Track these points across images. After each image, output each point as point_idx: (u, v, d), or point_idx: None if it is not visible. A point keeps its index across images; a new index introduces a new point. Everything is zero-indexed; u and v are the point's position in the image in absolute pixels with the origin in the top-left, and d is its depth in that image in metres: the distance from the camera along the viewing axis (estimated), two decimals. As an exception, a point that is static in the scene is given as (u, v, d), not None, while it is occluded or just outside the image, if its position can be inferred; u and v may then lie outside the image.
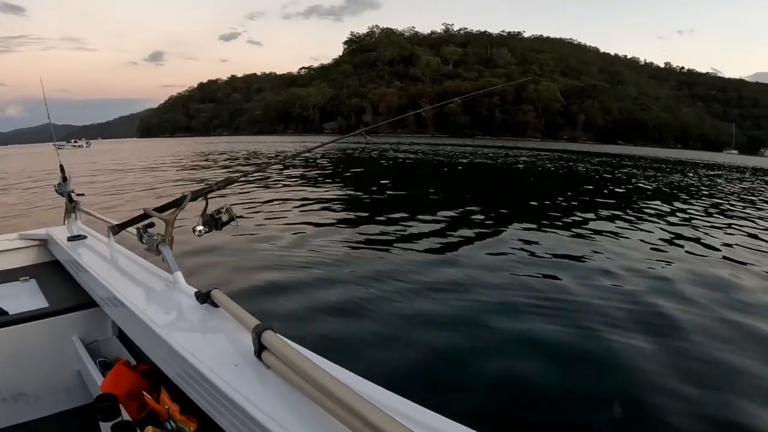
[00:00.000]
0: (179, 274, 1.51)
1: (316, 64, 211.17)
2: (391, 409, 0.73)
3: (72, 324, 1.93)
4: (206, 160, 25.71)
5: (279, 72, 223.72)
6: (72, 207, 2.58)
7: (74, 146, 66.87)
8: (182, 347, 1.09)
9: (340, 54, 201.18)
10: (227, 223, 1.63)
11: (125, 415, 1.34)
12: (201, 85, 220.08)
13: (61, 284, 2.13)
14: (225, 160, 25.30)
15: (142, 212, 1.71)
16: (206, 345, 1.12)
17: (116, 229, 1.97)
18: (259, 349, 0.98)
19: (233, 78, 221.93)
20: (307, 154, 25.25)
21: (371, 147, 39.60)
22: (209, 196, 1.65)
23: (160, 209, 1.67)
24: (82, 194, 2.64)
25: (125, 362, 1.61)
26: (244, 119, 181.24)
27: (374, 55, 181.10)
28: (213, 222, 1.61)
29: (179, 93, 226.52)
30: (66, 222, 2.60)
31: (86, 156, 35.58)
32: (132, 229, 1.82)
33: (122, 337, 1.91)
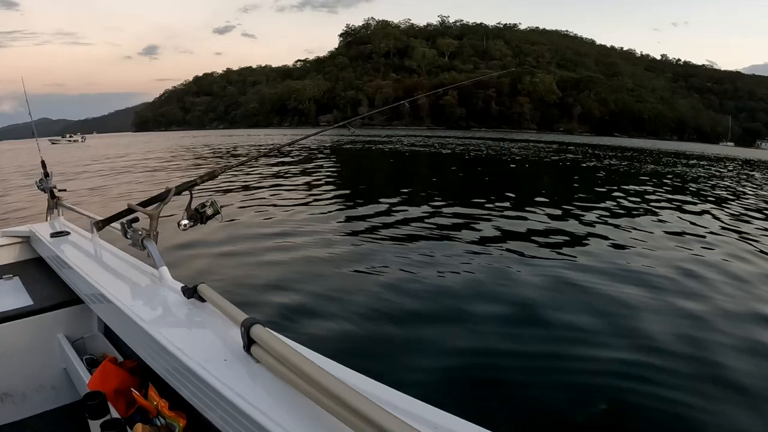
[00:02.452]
0: (165, 269, 1.49)
1: (311, 57, 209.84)
2: (380, 399, 0.73)
3: (57, 321, 1.90)
4: (195, 153, 25.62)
5: (274, 65, 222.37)
6: (54, 203, 2.54)
7: (69, 141, 66.60)
8: (170, 343, 1.08)
9: (336, 46, 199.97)
10: (212, 216, 1.62)
11: (114, 413, 1.32)
12: (196, 79, 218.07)
13: (46, 281, 2.10)
14: (214, 153, 25.19)
15: (126, 207, 1.68)
16: (194, 340, 1.11)
17: (100, 225, 1.93)
18: (248, 343, 0.97)
19: (228, 71, 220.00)
20: (292, 146, 25.15)
21: (361, 139, 39.59)
22: (193, 189, 1.63)
23: (144, 204, 1.64)
24: (64, 190, 2.59)
25: (112, 359, 1.59)
26: (239, 112, 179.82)
27: (370, 47, 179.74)
28: (198, 216, 1.60)
29: (174, 87, 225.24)
30: (48, 218, 2.56)
31: (80, 150, 35.43)
32: (116, 225, 1.78)
33: (108, 333, 1.89)
